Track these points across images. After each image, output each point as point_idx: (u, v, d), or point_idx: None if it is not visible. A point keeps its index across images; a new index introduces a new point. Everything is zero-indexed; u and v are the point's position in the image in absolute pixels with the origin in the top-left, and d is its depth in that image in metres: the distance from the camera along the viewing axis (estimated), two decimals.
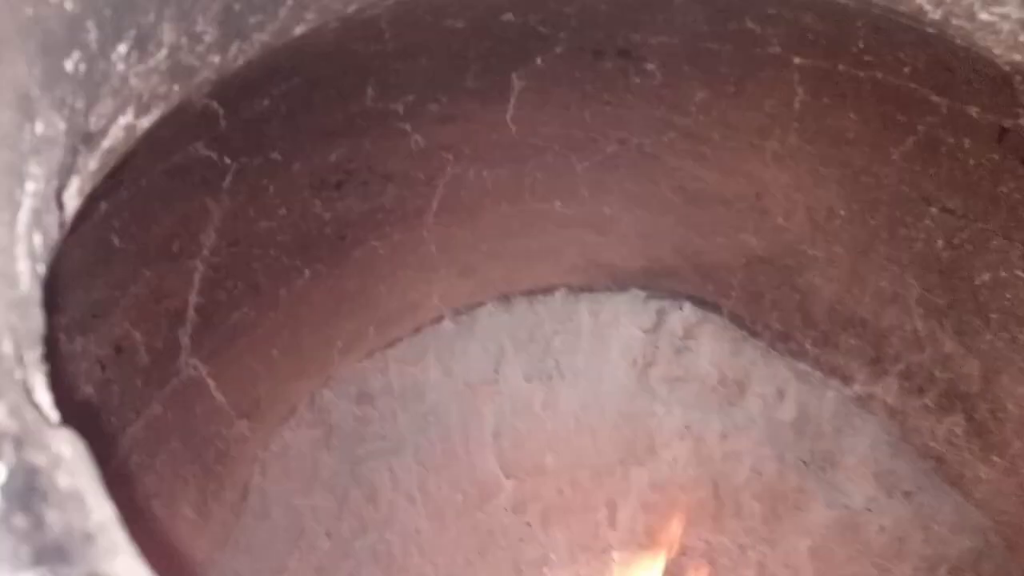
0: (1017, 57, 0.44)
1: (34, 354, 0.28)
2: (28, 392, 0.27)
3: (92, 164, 0.36)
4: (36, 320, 0.28)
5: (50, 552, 0.23)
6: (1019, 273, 0.79)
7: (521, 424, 1.17)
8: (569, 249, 1.15)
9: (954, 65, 0.58)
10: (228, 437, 1.06)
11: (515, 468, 1.17)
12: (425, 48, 0.77)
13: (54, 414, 0.28)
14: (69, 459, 0.26)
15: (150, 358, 0.89)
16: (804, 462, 1.09)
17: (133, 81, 0.35)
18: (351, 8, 0.48)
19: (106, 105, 0.34)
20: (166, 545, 0.95)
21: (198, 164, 0.77)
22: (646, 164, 1.00)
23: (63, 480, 0.25)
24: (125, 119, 0.37)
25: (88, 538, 0.24)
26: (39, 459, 0.25)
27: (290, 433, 1.13)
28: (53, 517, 0.24)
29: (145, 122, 0.41)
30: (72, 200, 0.36)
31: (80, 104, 0.31)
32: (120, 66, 0.33)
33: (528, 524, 1.14)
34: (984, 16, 0.42)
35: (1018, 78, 0.51)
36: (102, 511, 0.25)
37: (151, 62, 0.36)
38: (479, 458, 1.17)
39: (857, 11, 0.54)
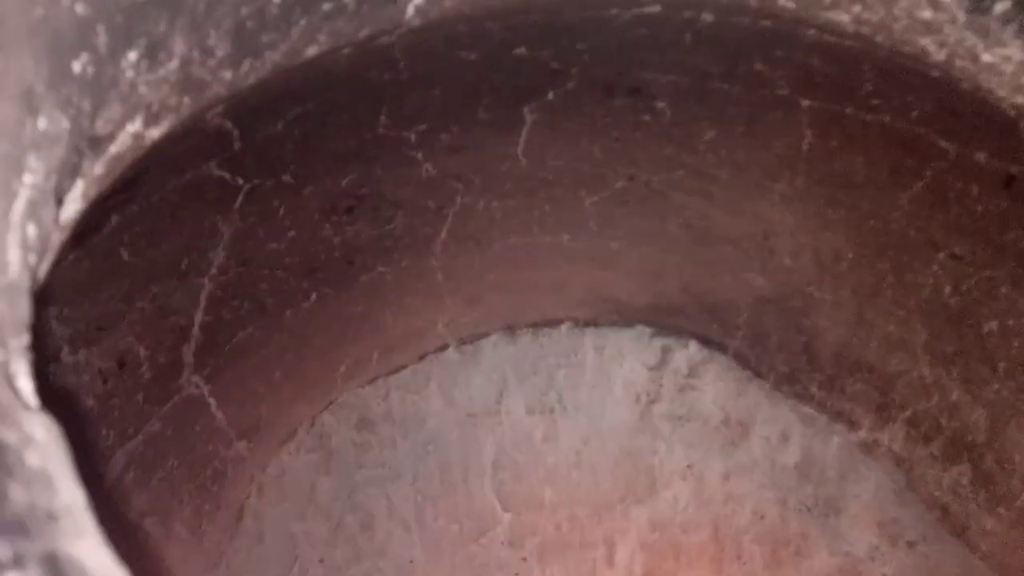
0: (1021, 99, 0.44)
1: (18, 341, 0.28)
2: (9, 377, 0.27)
3: (98, 169, 0.37)
4: (23, 308, 0.29)
5: (10, 525, 0.23)
6: None
7: (521, 457, 1.17)
8: (576, 283, 1.16)
9: (961, 109, 0.59)
10: (226, 457, 1.05)
11: (513, 501, 1.16)
12: (439, 78, 0.79)
13: (33, 400, 0.28)
14: (41, 441, 0.26)
15: (152, 374, 0.90)
16: (807, 507, 1.08)
17: (143, 89, 0.36)
18: (363, 33, 0.49)
19: (114, 110, 0.35)
20: (157, 564, 0.95)
21: (211, 183, 0.78)
22: (654, 201, 1.00)
23: (32, 459, 0.25)
24: (133, 127, 0.38)
25: (51, 517, 0.24)
26: (9, 436, 0.25)
27: (288, 456, 1.13)
28: (17, 493, 0.24)
29: (155, 133, 0.42)
30: (76, 203, 0.36)
31: (86, 106, 0.31)
32: (129, 73, 0.34)
33: (524, 559, 1.13)
34: (987, 58, 0.43)
35: (1023, 124, 0.51)
36: (70, 494, 0.25)
37: (161, 72, 0.37)
38: (477, 489, 1.16)
39: (863, 53, 0.55)
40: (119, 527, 0.92)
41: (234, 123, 0.66)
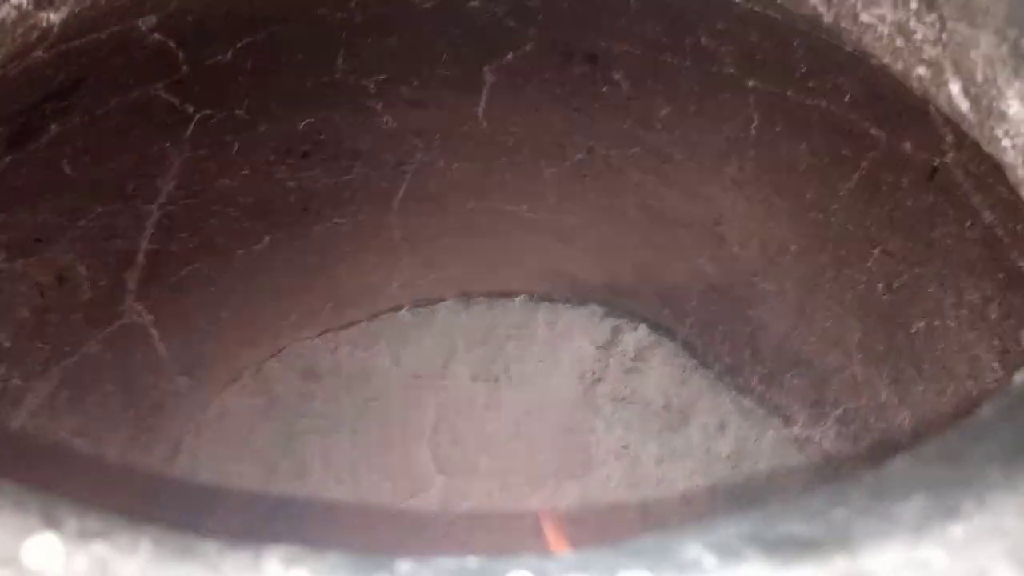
0: (900, 66, 0.44)
1: None
2: None
3: None
4: None
5: None
6: (951, 323, 0.78)
7: (461, 422, 1.17)
8: (532, 255, 1.16)
9: (883, 92, 0.59)
10: (166, 391, 1.07)
11: (448, 465, 1.16)
12: (394, 26, 0.79)
13: None
14: None
15: (93, 294, 0.91)
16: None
17: None
18: None
19: None
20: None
21: (159, 107, 0.79)
22: (611, 177, 1.01)
23: None
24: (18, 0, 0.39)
25: None
26: None
27: (231, 398, 1.14)
28: None
29: (53, 16, 0.42)
30: None
31: None
32: None
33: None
34: (865, 18, 0.43)
35: (931, 107, 0.51)
36: None
37: None
38: (414, 450, 1.17)
39: (787, 27, 0.55)
40: (47, 443, 0.93)
41: (176, 43, 0.67)
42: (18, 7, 0.39)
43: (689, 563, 0.24)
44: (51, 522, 0.22)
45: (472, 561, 0.23)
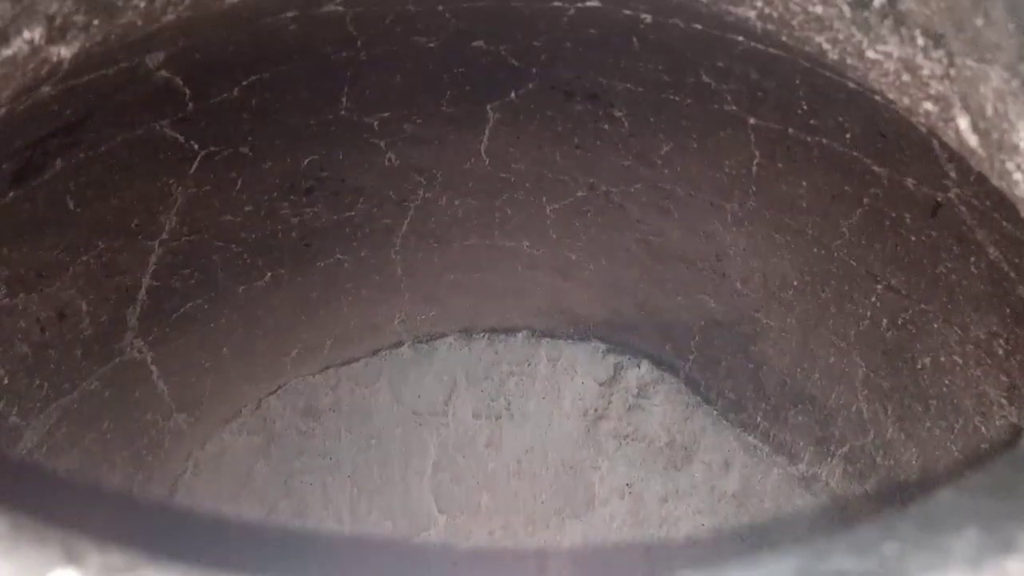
0: (907, 101, 0.45)
1: None
2: None
3: None
4: None
5: None
6: (957, 359, 0.78)
7: (463, 460, 1.16)
8: (534, 291, 1.16)
9: (886, 129, 0.60)
10: (164, 429, 1.05)
11: (450, 504, 1.15)
12: (399, 64, 0.80)
13: None
14: None
15: (94, 331, 0.90)
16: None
17: None
18: None
19: (1, 8, 0.36)
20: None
21: (164, 144, 0.79)
22: (613, 213, 1.01)
23: None
24: (31, 34, 0.39)
25: None
26: None
27: (229, 436, 1.13)
28: None
29: (64, 51, 0.43)
30: None
31: None
32: None
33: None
34: (871, 54, 0.43)
35: (935, 143, 0.52)
36: None
37: None
38: (415, 489, 1.15)
39: (789, 64, 0.56)
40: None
41: (183, 80, 0.68)
42: (30, 42, 0.39)
43: None
44: (73, 557, 0.21)
45: None
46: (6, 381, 0.83)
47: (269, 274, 1.03)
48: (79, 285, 0.85)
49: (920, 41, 0.41)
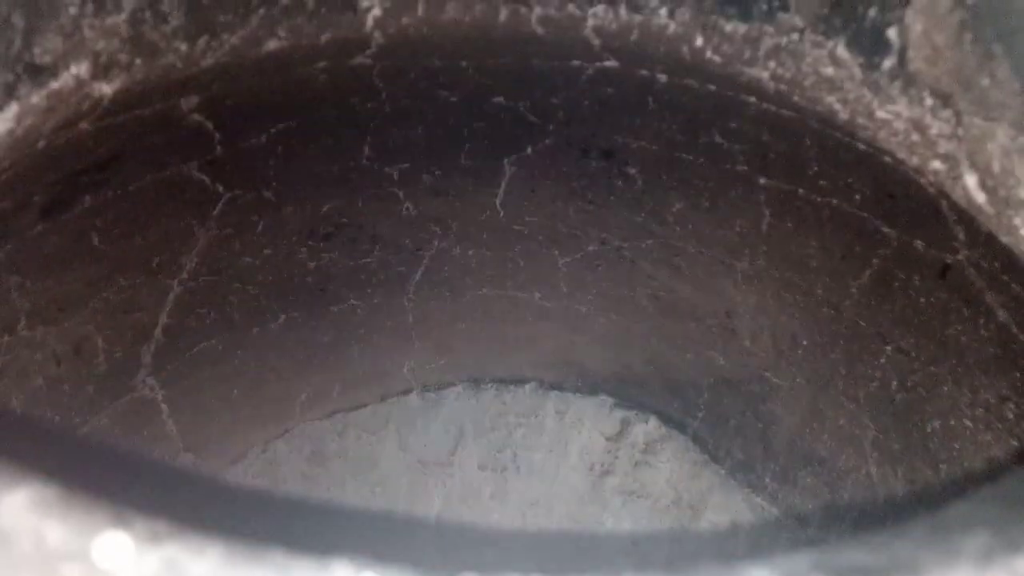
0: (916, 161, 0.46)
1: None
2: None
3: (36, 98, 0.40)
4: None
5: None
6: (967, 423, 0.78)
7: (468, 512, 1.15)
8: (544, 343, 1.17)
9: (894, 190, 0.61)
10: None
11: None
12: (421, 117, 0.83)
13: None
14: None
15: (108, 367, 0.91)
16: None
17: (88, 32, 0.39)
18: (324, 37, 0.53)
19: (52, 41, 0.38)
20: None
21: (191, 186, 0.81)
22: (624, 268, 1.03)
23: None
24: (78, 69, 0.41)
25: None
26: None
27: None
28: None
29: (107, 88, 0.45)
30: (7, 122, 0.39)
31: (18, 22, 0.34)
32: (72, 9, 0.37)
33: None
34: (880, 114, 0.45)
35: (944, 203, 0.53)
36: None
37: (108, 20, 0.40)
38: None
39: (801, 125, 0.58)
40: None
41: (214, 125, 0.70)
42: (76, 76, 0.41)
43: None
44: (120, 523, 0.22)
45: None
46: (19, 412, 0.84)
47: (283, 317, 1.04)
48: (97, 320, 0.86)
49: (929, 101, 0.43)
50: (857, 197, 0.68)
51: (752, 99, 0.58)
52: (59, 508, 0.22)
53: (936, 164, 0.45)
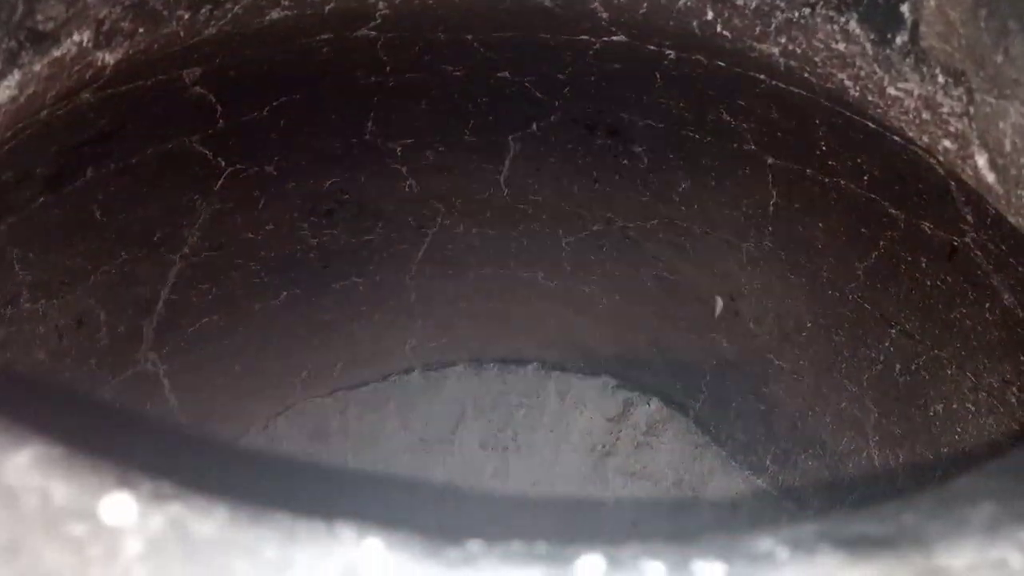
0: (926, 139, 0.45)
1: None
2: None
3: (38, 66, 0.39)
4: None
5: None
6: (969, 407, 0.78)
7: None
8: (547, 323, 1.16)
9: (903, 172, 0.60)
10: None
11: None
12: (425, 91, 0.82)
13: None
14: None
15: (110, 341, 0.91)
16: None
17: None
18: (328, 8, 0.53)
19: (55, 9, 0.37)
20: None
21: (192, 159, 0.81)
22: (628, 248, 1.02)
23: None
24: (80, 37, 0.41)
25: None
26: None
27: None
28: None
29: (108, 57, 0.44)
30: (10, 89, 0.39)
31: None
32: None
33: None
34: (891, 91, 0.44)
35: (953, 184, 0.52)
36: None
37: None
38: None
39: (811, 103, 0.57)
40: None
41: (216, 97, 0.69)
42: (79, 44, 0.41)
43: (762, 555, 0.23)
44: (126, 483, 0.22)
45: (541, 546, 0.23)
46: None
47: (285, 293, 1.04)
48: (99, 295, 0.86)
49: (940, 79, 0.42)
50: (865, 178, 0.67)
51: (762, 76, 0.57)
52: (64, 467, 0.22)
53: (946, 143, 0.45)
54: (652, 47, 0.62)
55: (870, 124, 0.52)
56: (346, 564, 0.22)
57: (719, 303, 0.99)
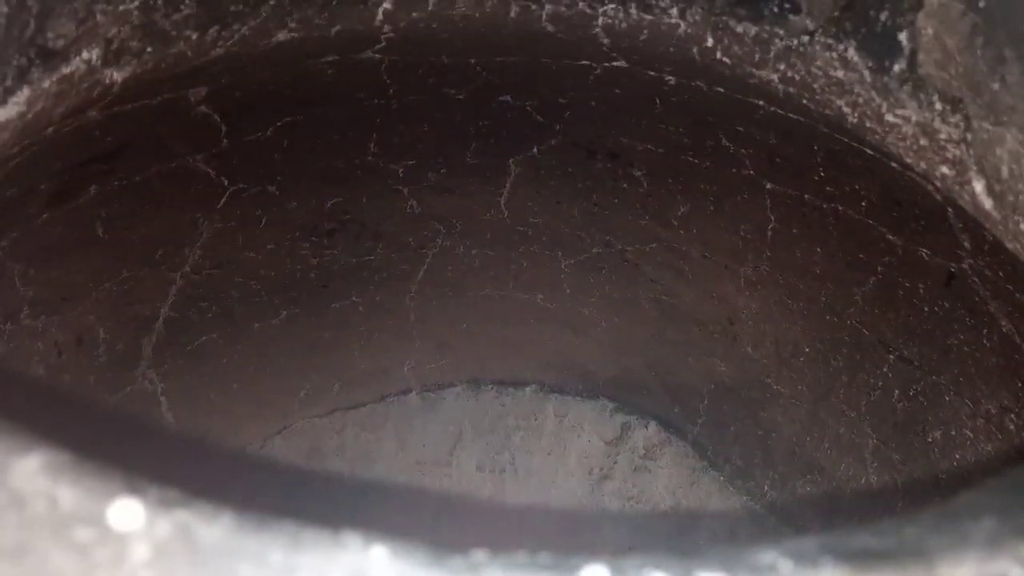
0: (923, 166, 0.46)
1: None
2: None
3: (47, 83, 0.40)
4: None
5: None
6: (968, 433, 0.78)
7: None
8: (545, 345, 1.17)
9: (901, 198, 0.61)
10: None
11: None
12: (428, 114, 0.83)
13: None
14: None
15: (108, 358, 0.91)
16: None
17: (100, 17, 0.39)
18: (335, 30, 0.53)
19: (65, 27, 0.38)
20: None
21: (196, 178, 0.81)
22: (627, 271, 1.03)
23: None
24: (89, 55, 0.41)
25: None
26: None
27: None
28: None
29: (116, 75, 0.45)
30: (18, 106, 0.39)
31: (33, 6, 0.34)
32: None
33: None
34: (890, 118, 0.45)
35: (951, 211, 0.53)
36: None
37: (121, 7, 0.40)
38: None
39: (809, 130, 0.58)
40: None
41: (221, 117, 0.70)
42: (88, 62, 0.41)
43: (765, 567, 0.23)
44: (133, 489, 0.22)
45: (545, 556, 0.23)
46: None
47: (284, 313, 1.04)
48: (99, 312, 0.86)
49: (938, 105, 0.43)
50: (863, 204, 0.68)
51: (760, 102, 0.58)
52: (72, 472, 0.22)
53: (944, 169, 0.45)
54: (652, 73, 0.63)
55: (868, 150, 0.53)
56: (352, 571, 0.22)
57: None
